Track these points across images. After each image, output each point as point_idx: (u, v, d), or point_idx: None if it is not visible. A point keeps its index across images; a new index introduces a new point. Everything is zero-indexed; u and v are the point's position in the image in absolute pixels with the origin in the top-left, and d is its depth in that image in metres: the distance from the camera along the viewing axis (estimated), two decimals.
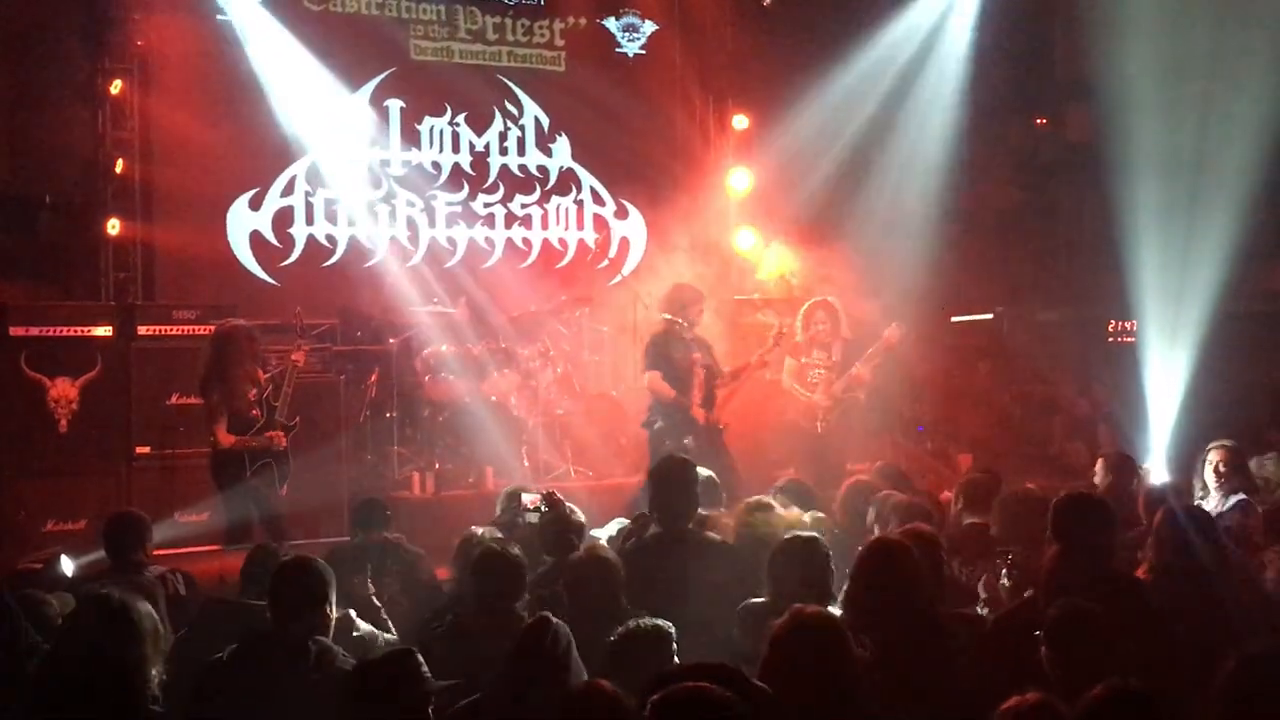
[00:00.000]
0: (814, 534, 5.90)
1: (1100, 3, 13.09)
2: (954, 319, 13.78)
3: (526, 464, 11.31)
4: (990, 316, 14.03)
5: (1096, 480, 8.36)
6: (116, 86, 11.88)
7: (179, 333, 10.63)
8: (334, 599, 5.32)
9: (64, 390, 10.19)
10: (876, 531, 6.39)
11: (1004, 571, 5.81)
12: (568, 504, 7.07)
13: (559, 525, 6.73)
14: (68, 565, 7.27)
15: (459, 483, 11.16)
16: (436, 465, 11.13)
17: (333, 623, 5.31)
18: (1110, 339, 13.73)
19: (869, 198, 13.67)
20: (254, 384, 8.91)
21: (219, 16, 12.26)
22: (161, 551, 7.49)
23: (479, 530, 6.81)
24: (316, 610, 5.22)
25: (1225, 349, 12.57)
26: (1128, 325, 13.61)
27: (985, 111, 14.48)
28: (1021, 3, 14.18)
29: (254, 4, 12.32)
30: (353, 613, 5.83)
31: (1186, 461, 9.33)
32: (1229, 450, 7.83)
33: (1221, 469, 7.73)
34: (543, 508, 7.06)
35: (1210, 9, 12.45)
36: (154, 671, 5.07)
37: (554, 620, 4.73)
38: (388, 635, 6.00)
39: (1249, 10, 12.46)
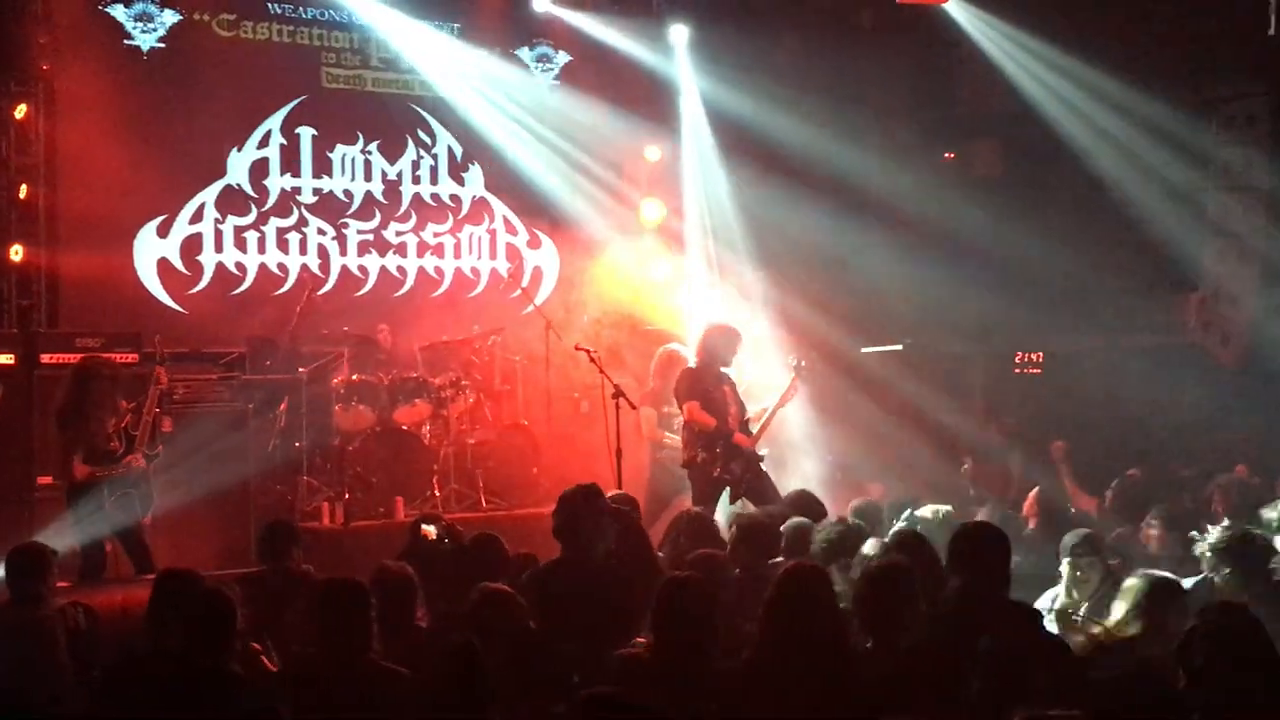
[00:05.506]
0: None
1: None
2: (864, 350, 13.91)
3: (438, 494, 11.27)
4: (900, 348, 14.18)
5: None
6: (21, 111, 11.66)
7: None
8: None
9: None
10: None
11: None
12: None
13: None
14: None
15: (369, 513, 11.06)
16: (346, 495, 11.01)
17: None
18: (1016, 370, 13.92)
19: (781, 229, 13.80)
20: (114, 416, 8.81)
21: (126, 41, 12.14)
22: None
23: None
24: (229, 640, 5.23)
25: (1127, 380, 12.81)
26: (1033, 357, 13.80)
27: (892, 145, 14.69)
28: (927, 38, 14.39)
29: (164, 29, 12.21)
30: None
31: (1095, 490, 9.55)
32: None
33: None
34: (444, 538, 7.05)
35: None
36: None
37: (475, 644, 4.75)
38: None
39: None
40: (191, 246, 12.58)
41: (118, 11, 12.10)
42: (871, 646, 5.38)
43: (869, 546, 6.65)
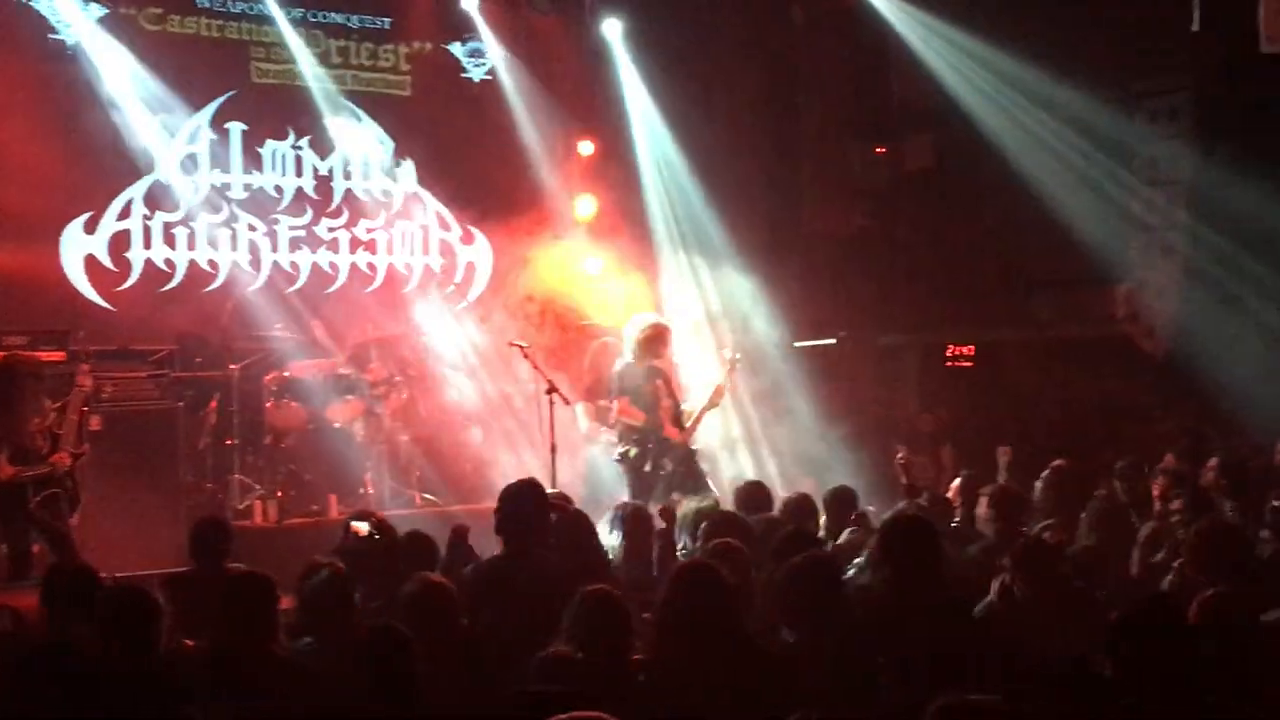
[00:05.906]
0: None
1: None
2: (796, 344, 13.98)
3: (371, 491, 11.22)
4: (833, 341, 14.27)
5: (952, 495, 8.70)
6: None
7: None
8: None
9: None
10: None
11: None
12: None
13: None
14: None
15: (302, 510, 11.02)
16: (279, 493, 10.97)
17: None
18: (948, 362, 14.05)
19: (717, 222, 13.85)
20: (38, 414, 8.72)
21: (51, 35, 11.97)
22: None
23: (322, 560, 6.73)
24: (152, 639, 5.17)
25: (1059, 371, 12.97)
26: (964, 350, 13.94)
27: (825, 139, 14.77)
28: (859, 31, 14.47)
29: (90, 23, 12.04)
30: None
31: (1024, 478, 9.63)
32: None
33: None
34: (375, 534, 7.06)
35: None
36: None
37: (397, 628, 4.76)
38: None
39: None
40: (119, 243, 12.40)
41: (42, 5, 11.93)
42: (794, 641, 5.39)
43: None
